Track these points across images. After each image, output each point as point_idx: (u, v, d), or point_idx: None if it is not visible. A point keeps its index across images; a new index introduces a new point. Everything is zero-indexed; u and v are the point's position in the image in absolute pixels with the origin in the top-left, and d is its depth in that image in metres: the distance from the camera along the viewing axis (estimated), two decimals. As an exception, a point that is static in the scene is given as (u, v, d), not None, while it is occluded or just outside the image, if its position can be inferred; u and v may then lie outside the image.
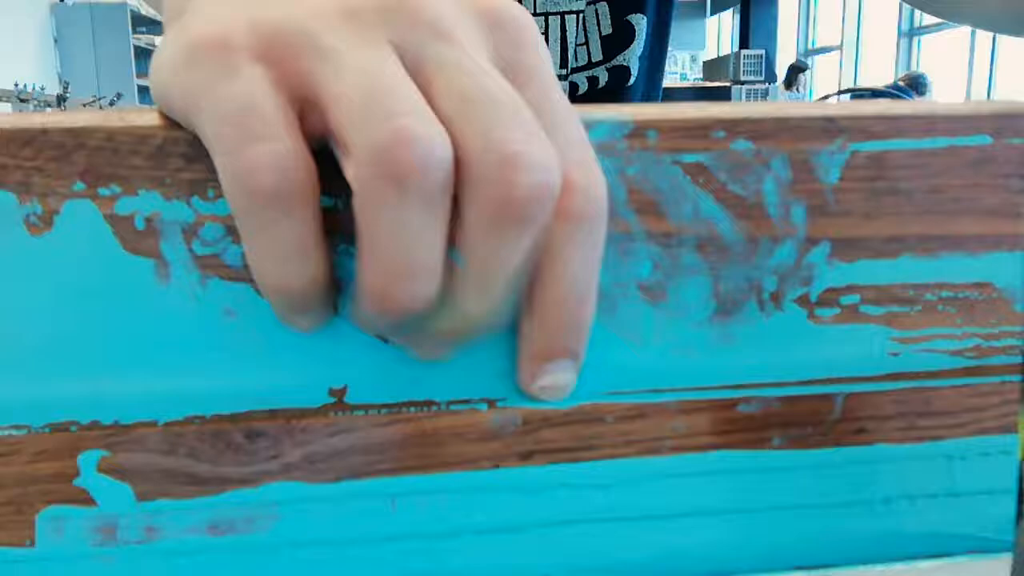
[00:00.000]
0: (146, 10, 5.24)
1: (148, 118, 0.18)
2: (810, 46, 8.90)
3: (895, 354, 0.22)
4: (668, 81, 7.53)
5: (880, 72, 7.11)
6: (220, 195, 0.19)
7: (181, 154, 0.18)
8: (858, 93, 5.58)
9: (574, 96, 0.65)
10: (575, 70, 0.64)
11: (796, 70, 6.28)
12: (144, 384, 0.19)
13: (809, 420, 0.22)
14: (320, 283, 0.17)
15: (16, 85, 3.71)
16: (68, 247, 0.19)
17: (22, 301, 0.19)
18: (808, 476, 0.22)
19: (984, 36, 5.67)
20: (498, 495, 0.20)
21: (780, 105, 0.20)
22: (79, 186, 0.18)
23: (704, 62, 6.73)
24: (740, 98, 5.06)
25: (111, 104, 4.16)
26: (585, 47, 0.64)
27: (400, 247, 0.16)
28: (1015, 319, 0.23)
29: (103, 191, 0.18)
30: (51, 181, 0.18)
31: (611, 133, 0.20)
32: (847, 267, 0.22)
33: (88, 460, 0.19)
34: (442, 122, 0.16)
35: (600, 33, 0.64)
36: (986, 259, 0.22)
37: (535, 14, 0.60)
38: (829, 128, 0.20)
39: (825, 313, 0.22)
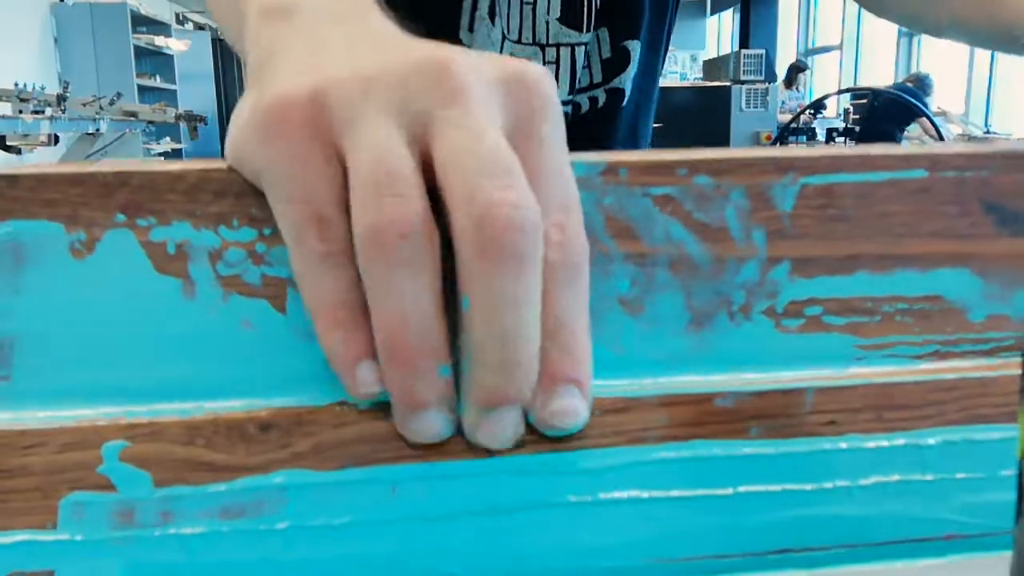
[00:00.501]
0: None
1: (183, 165, 0.21)
2: (810, 45, 8.92)
3: (860, 358, 0.24)
4: (668, 81, 7.57)
5: (880, 72, 7.13)
6: (243, 224, 0.21)
7: (211, 191, 0.21)
8: (858, 93, 5.60)
9: (577, 114, 0.68)
10: (579, 91, 0.68)
11: (796, 70, 6.31)
12: (167, 384, 0.22)
13: (782, 412, 0.24)
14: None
15: (16, 84, 3.74)
16: (106, 268, 0.21)
17: (63, 313, 0.21)
18: (784, 462, 0.24)
19: (984, 36, 5.69)
20: (493, 479, 0.22)
21: (737, 151, 0.23)
22: (120, 218, 0.21)
23: (704, 61, 6.77)
24: (740, 97, 5.08)
25: (111, 103, 4.19)
26: (588, 70, 0.67)
27: (396, 307, 0.19)
28: (969, 327, 0.25)
29: (141, 222, 0.21)
30: (96, 214, 0.21)
31: (587, 171, 0.23)
32: (808, 282, 0.24)
33: (111, 450, 0.21)
34: (436, 171, 0.19)
35: (600, 57, 0.68)
36: (935, 275, 0.25)
37: (548, 44, 0.65)
38: (781, 165, 0.23)
39: (791, 323, 0.24)
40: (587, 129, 0.70)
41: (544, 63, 0.66)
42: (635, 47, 0.70)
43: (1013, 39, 0.49)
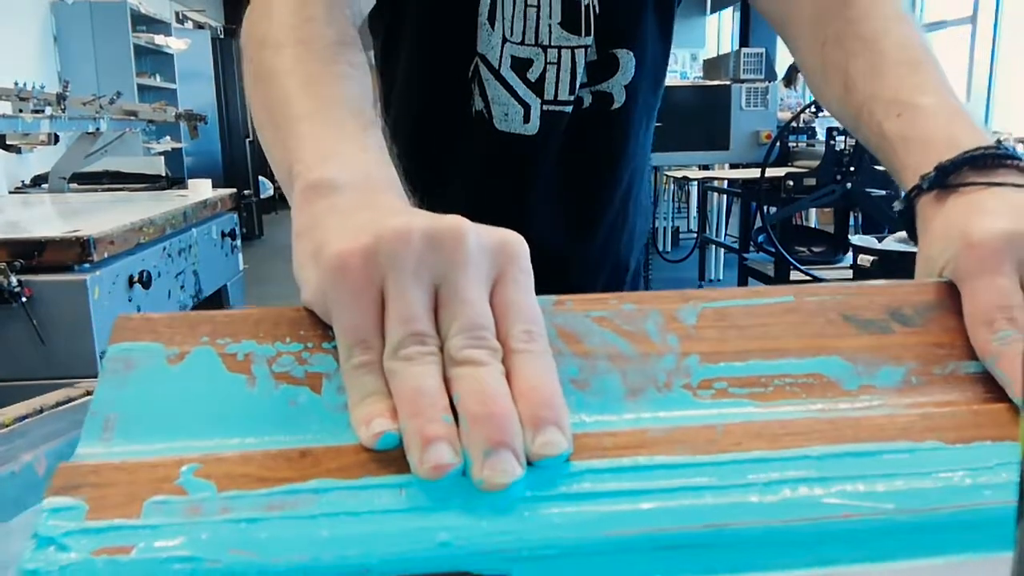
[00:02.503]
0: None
1: (250, 311, 0.29)
2: (811, 43, 8.97)
3: (760, 410, 0.33)
4: (668, 80, 7.60)
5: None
6: (294, 341, 0.30)
7: (270, 321, 0.30)
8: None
9: (579, 108, 0.75)
10: (582, 85, 0.75)
11: (796, 69, 6.37)
12: (234, 437, 0.30)
13: (700, 437, 0.31)
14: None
15: (16, 83, 3.79)
16: (187, 371, 0.30)
17: (153, 398, 0.30)
18: (705, 470, 0.29)
19: (984, 35, 5.75)
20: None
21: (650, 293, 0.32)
22: (204, 339, 0.30)
23: (704, 60, 6.81)
24: (740, 96, 5.13)
25: (111, 103, 4.25)
26: (585, 72, 0.75)
27: (412, 383, 0.29)
28: (846, 393, 0.33)
29: (220, 341, 0.30)
30: (182, 339, 0.30)
31: (544, 302, 0.32)
32: (713, 367, 0.33)
33: (188, 470, 0.28)
34: (438, 311, 0.30)
35: (586, 59, 0.74)
36: (813, 361, 0.33)
37: (550, 46, 0.72)
38: (686, 296, 0.32)
39: (705, 393, 0.33)
40: (583, 129, 0.76)
41: (546, 63, 0.73)
42: (625, 56, 0.76)
43: (857, 126, 0.56)
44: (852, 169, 4.09)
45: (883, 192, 4.42)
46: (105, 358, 0.31)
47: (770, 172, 3.77)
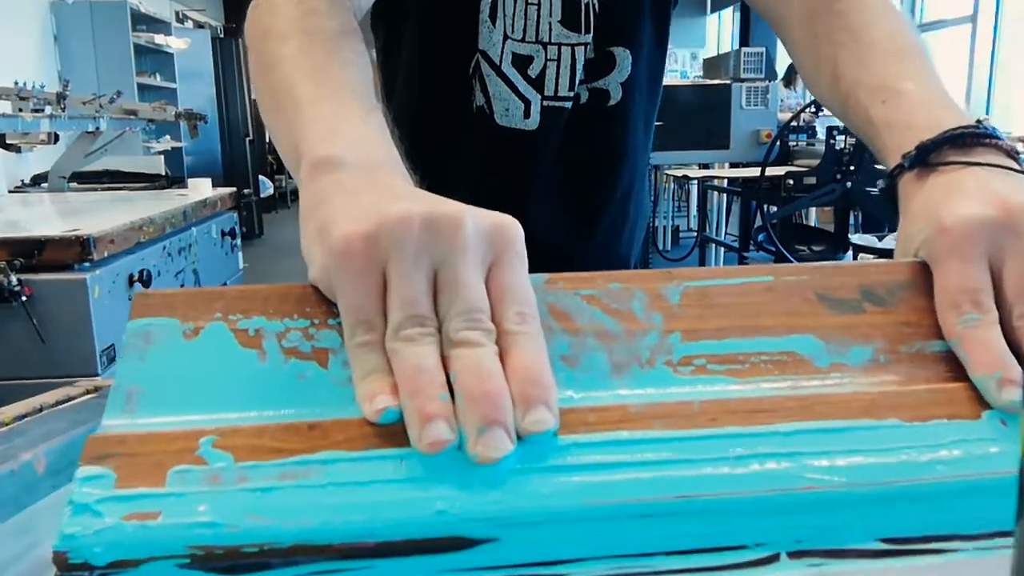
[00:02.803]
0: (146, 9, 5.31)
1: (260, 287, 0.32)
2: (812, 42, 8.98)
3: (735, 387, 0.35)
4: (668, 79, 7.63)
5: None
6: (300, 317, 0.33)
7: (278, 297, 0.33)
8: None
9: (577, 104, 0.77)
10: (580, 82, 0.77)
11: (795, 70, 6.37)
12: (248, 411, 0.32)
13: (678, 412, 0.33)
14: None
15: (16, 83, 3.81)
16: (202, 345, 0.32)
17: (171, 371, 0.32)
18: (681, 444, 0.31)
19: (984, 35, 5.77)
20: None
21: (637, 272, 0.34)
22: (217, 315, 0.32)
23: (704, 60, 6.83)
24: (740, 96, 5.15)
25: (111, 102, 4.26)
26: (583, 69, 0.77)
27: (412, 363, 0.32)
28: (817, 371, 0.36)
29: (232, 316, 0.32)
30: (198, 315, 0.32)
31: (536, 281, 0.35)
32: (693, 344, 0.35)
33: (206, 442, 0.30)
34: (437, 294, 0.32)
35: (585, 57, 0.76)
36: (787, 340, 0.36)
37: (550, 43, 0.75)
38: (671, 275, 0.35)
39: (685, 370, 0.35)
40: (582, 125, 0.78)
41: (546, 60, 0.75)
42: (622, 54, 0.78)
43: (845, 113, 0.57)
44: (852, 168, 4.10)
45: (883, 191, 4.44)
46: (126, 333, 0.33)
47: (770, 171, 3.78)
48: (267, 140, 8.66)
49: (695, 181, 5.31)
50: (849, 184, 4.05)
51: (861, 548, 0.30)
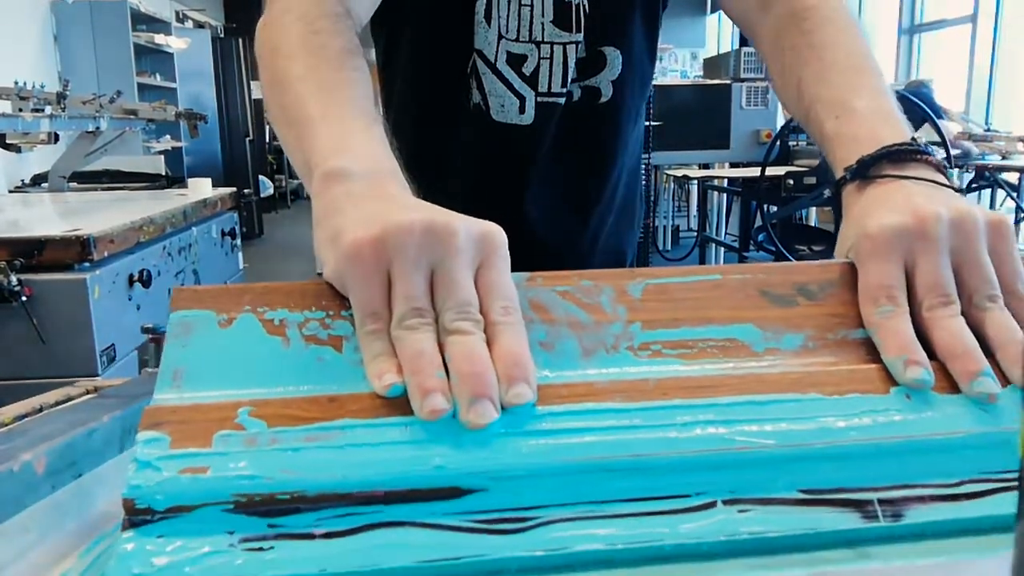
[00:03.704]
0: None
1: (284, 284, 0.39)
2: (812, 41, 9.00)
3: (684, 368, 0.42)
4: (668, 79, 7.67)
5: (881, 69, 7.24)
6: (318, 309, 0.40)
7: (297, 293, 0.40)
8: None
9: (570, 101, 0.83)
10: (572, 80, 0.83)
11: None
12: (276, 386, 0.39)
13: (635, 388, 0.39)
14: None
15: (16, 83, 3.84)
16: (235, 333, 0.39)
17: (210, 354, 0.39)
18: (636, 414, 0.38)
19: (984, 35, 5.82)
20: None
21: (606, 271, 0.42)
22: (246, 308, 0.39)
23: (704, 60, 6.88)
24: (740, 96, 5.21)
25: (111, 102, 4.30)
26: (575, 67, 0.83)
27: (414, 347, 0.38)
28: (754, 355, 0.42)
29: (260, 308, 0.39)
30: (230, 307, 0.39)
31: (518, 279, 0.41)
32: (651, 333, 0.42)
33: (244, 411, 0.37)
34: (434, 290, 0.39)
35: (576, 56, 0.82)
36: (730, 328, 0.42)
37: (543, 42, 0.81)
38: (634, 274, 0.42)
39: (643, 353, 0.42)
40: (574, 121, 0.84)
41: (540, 58, 0.81)
42: (612, 53, 0.83)
43: (807, 124, 0.64)
44: (852, 168, 4.16)
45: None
46: (168, 323, 0.40)
47: (770, 171, 3.83)
48: (267, 140, 8.72)
49: (695, 181, 5.37)
50: (849, 184, 4.10)
51: (783, 497, 0.37)
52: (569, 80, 0.82)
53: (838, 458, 0.37)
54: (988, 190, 5.26)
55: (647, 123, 3.86)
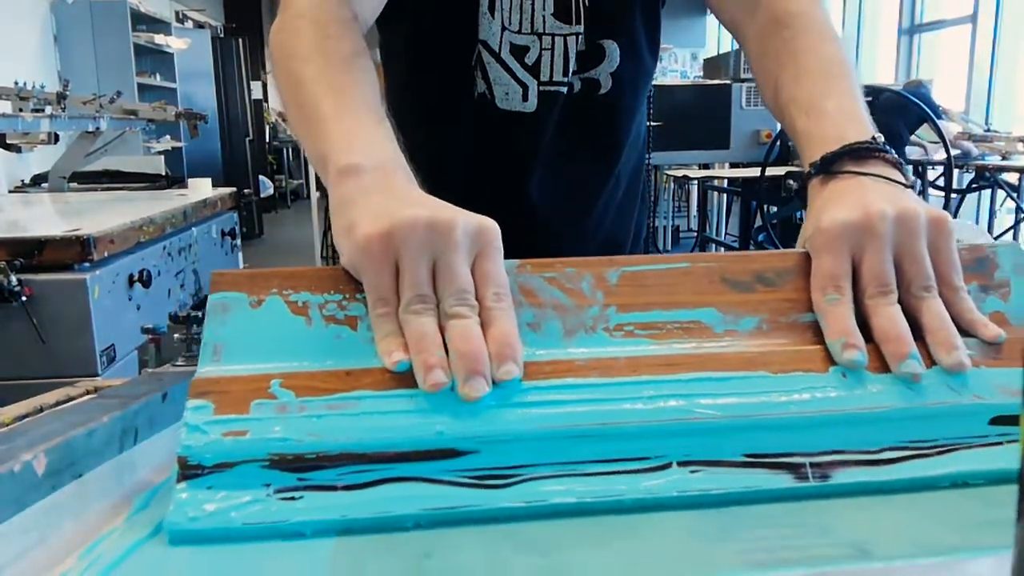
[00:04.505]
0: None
1: (307, 269, 0.46)
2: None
3: (653, 347, 0.48)
4: (668, 79, 7.69)
5: (881, 69, 7.28)
6: (336, 292, 0.46)
7: (317, 278, 0.46)
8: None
9: (571, 93, 0.88)
10: (573, 73, 0.88)
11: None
12: (300, 362, 0.45)
13: (608, 365, 0.46)
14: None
15: (16, 83, 3.84)
16: (265, 313, 0.46)
17: (244, 330, 0.46)
18: (608, 388, 0.45)
19: (984, 35, 5.86)
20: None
21: (591, 259, 0.49)
22: (274, 291, 0.46)
23: (704, 60, 6.93)
24: (740, 96, 5.25)
25: (111, 102, 4.30)
26: (576, 59, 0.88)
27: (418, 329, 0.45)
28: (714, 336, 0.49)
29: (285, 291, 0.46)
30: (260, 290, 0.46)
31: (509, 266, 0.48)
32: (626, 315, 0.48)
33: (275, 383, 0.44)
34: (435, 279, 0.45)
35: (577, 49, 0.87)
36: (696, 311, 0.49)
37: (544, 34, 0.86)
38: (615, 263, 0.49)
39: (617, 334, 0.48)
40: (575, 112, 0.89)
41: (541, 49, 0.86)
42: (611, 46, 0.88)
43: (783, 123, 0.70)
44: (852, 168, 4.18)
45: (883, 192, 4.50)
46: (208, 303, 0.46)
47: (770, 171, 3.87)
48: (267, 140, 8.75)
49: (695, 181, 5.41)
50: (849, 184, 4.13)
51: (729, 460, 0.44)
52: (570, 70, 0.87)
53: (778, 428, 0.44)
54: (988, 190, 5.31)
55: (647, 123, 3.91)
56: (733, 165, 5.40)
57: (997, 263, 0.54)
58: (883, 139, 0.58)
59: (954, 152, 4.19)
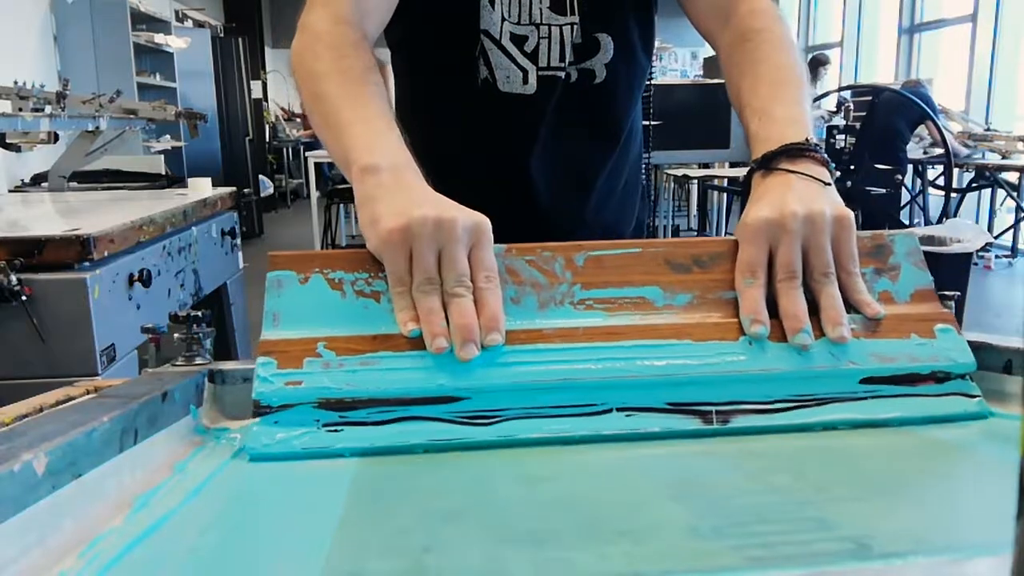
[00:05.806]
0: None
1: (341, 252, 0.63)
2: (810, 42, 9.05)
3: (606, 320, 0.62)
4: (669, 78, 7.70)
5: (881, 69, 7.31)
6: (364, 272, 0.62)
7: (349, 259, 0.62)
8: (859, 91, 5.77)
9: (568, 83, 0.97)
10: (569, 63, 0.97)
11: (817, 63, 6.35)
12: (338, 328, 0.60)
13: (570, 333, 0.60)
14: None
15: (15, 82, 3.84)
16: (310, 288, 0.61)
17: (295, 301, 0.61)
18: (569, 352, 0.60)
19: (984, 35, 5.88)
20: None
21: (557, 245, 0.64)
22: (316, 270, 0.61)
23: (705, 59, 6.96)
24: (740, 95, 5.24)
25: (111, 101, 4.30)
26: (572, 49, 0.97)
27: (427, 305, 0.60)
28: (656, 310, 0.63)
29: (325, 270, 0.62)
30: (306, 269, 0.61)
31: (498, 250, 0.62)
32: (589, 291, 0.63)
33: (320, 345, 0.59)
34: (440, 265, 0.60)
35: (572, 41, 0.96)
36: (643, 289, 0.64)
37: (541, 24, 0.95)
38: (582, 248, 0.63)
39: (580, 307, 0.63)
40: (572, 100, 0.98)
41: (539, 38, 0.96)
42: (605, 39, 0.97)
43: (743, 125, 0.81)
44: (852, 168, 4.22)
45: (883, 191, 4.54)
46: (267, 279, 0.61)
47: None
48: (267, 140, 8.78)
49: (695, 181, 5.45)
50: (849, 184, 4.17)
51: (655, 407, 0.59)
52: (567, 57, 0.96)
53: (693, 383, 0.59)
54: (988, 190, 5.33)
55: (647, 123, 3.91)
56: (733, 165, 5.44)
57: (893, 249, 0.67)
58: (816, 141, 0.71)
59: (938, 152, 4.20)
